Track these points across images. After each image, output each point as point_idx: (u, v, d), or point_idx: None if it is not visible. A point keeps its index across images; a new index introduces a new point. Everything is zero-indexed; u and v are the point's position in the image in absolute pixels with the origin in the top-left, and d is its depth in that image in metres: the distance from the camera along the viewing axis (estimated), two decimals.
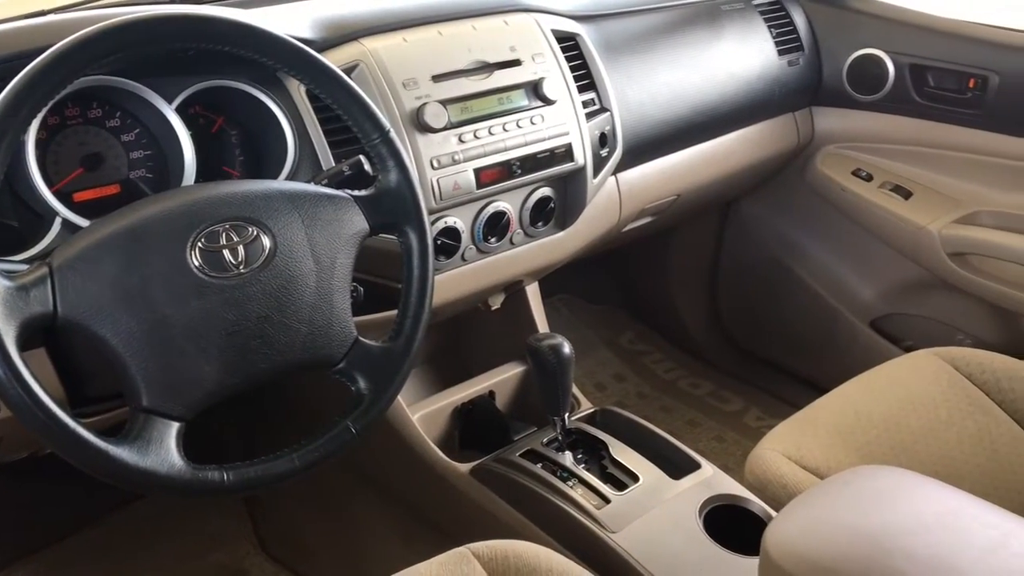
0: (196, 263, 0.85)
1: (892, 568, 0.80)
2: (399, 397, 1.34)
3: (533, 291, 1.56)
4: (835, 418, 1.33)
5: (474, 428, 1.44)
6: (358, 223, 0.94)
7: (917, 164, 1.73)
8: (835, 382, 1.40)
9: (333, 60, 1.08)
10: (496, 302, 1.48)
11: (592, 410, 1.40)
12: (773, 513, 1.18)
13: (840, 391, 1.39)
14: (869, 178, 1.77)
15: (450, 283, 1.28)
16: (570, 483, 1.22)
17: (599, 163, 1.39)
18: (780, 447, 1.28)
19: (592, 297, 2.37)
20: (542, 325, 1.55)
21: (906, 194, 1.73)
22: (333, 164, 1.09)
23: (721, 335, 2.20)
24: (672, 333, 2.23)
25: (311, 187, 0.94)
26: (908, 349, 1.59)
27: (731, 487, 1.24)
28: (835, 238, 1.88)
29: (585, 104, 1.37)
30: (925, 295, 1.78)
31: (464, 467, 1.33)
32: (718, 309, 2.19)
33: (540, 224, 1.36)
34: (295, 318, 0.88)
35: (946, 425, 1.32)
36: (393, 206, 0.97)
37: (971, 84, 1.61)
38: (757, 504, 1.21)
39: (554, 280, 1.65)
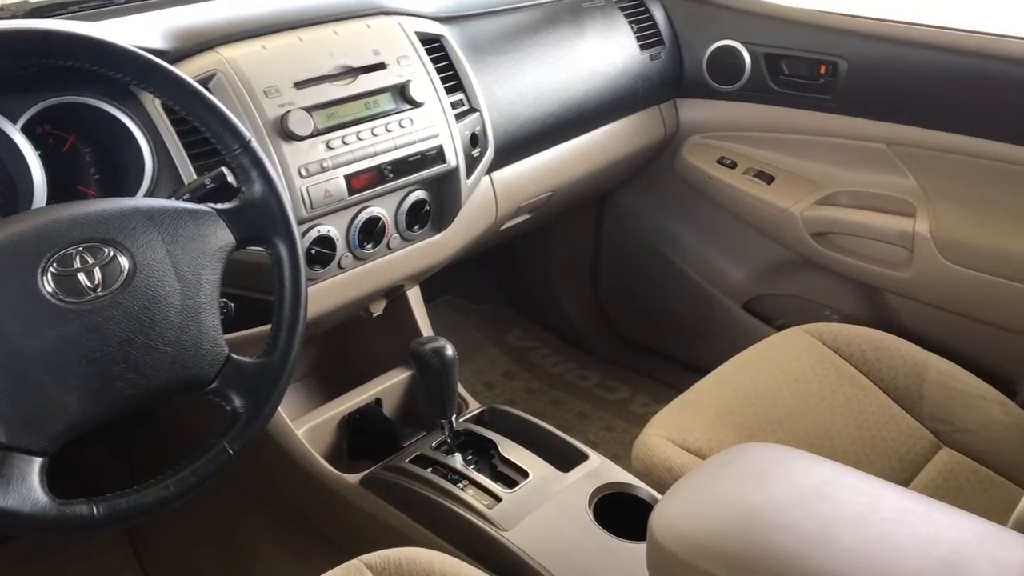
0: (49, 289, 0.81)
1: (772, 541, 0.83)
2: (282, 412, 1.32)
3: (415, 295, 1.56)
4: (715, 399, 1.37)
5: (363, 437, 1.42)
6: (223, 237, 0.91)
7: (777, 150, 1.80)
8: (714, 364, 1.45)
9: (188, 71, 1.05)
10: (378, 308, 1.47)
11: (480, 410, 1.41)
12: (659, 497, 1.20)
13: (718, 373, 1.44)
14: (733, 165, 1.83)
15: (328, 292, 1.26)
16: (461, 485, 1.22)
17: (472, 163, 1.39)
18: (664, 432, 1.31)
19: (477, 297, 2.37)
20: (426, 329, 1.54)
21: (769, 179, 1.79)
22: (195, 178, 1.06)
23: (605, 326, 2.24)
24: (558, 327, 2.26)
25: (171, 203, 0.91)
26: (780, 328, 1.65)
27: (619, 475, 1.26)
28: (706, 225, 1.94)
29: (454, 105, 1.37)
30: (793, 275, 1.86)
31: (353, 478, 1.31)
32: (600, 300, 2.23)
33: (416, 227, 1.36)
34: (160, 340, 0.85)
35: (818, 398, 1.38)
36: (259, 217, 0.95)
37: (822, 71, 1.69)
38: (644, 489, 1.23)
39: (437, 283, 1.65)
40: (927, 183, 1.62)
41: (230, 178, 0.98)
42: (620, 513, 1.22)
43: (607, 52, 1.70)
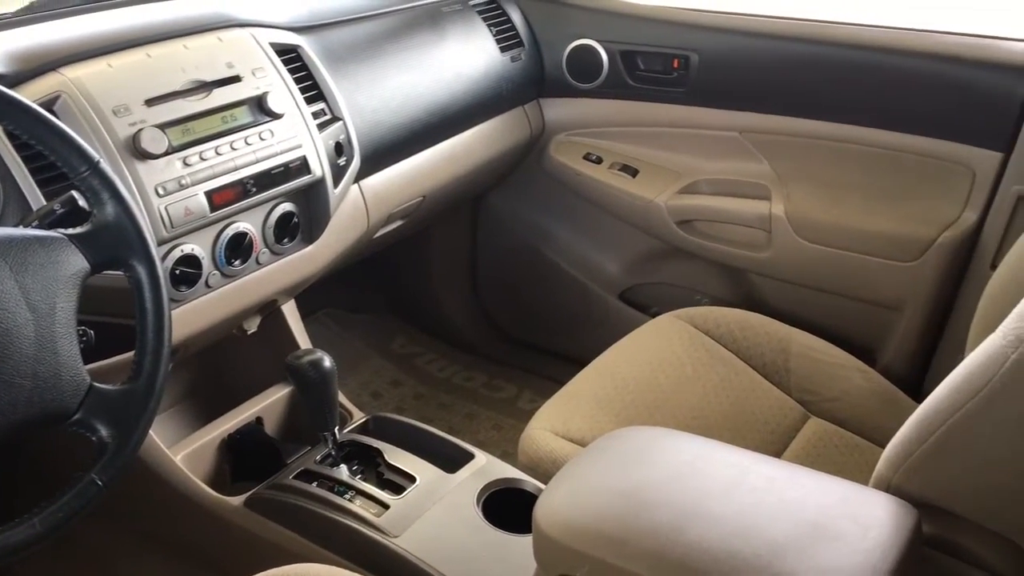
0: None
1: (650, 519, 0.86)
2: (156, 438, 1.28)
3: (290, 309, 1.54)
4: (595, 389, 1.40)
5: (245, 458, 1.39)
6: (76, 263, 0.88)
7: (640, 143, 1.86)
8: (595, 355, 1.48)
9: (29, 94, 1.01)
10: (252, 325, 1.44)
11: (364, 419, 1.40)
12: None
13: (597, 363, 1.47)
14: (599, 160, 1.87)
15: (196, 313, 1.23)
16: (347, 496, 1.22)
17: (338, 173, 1.39)
18: (547, 425, 1.34)
19: (358, 307, 2.35)
20: (303, 342, 1.53)
21: (633, 172, 1.85)
22: (44, 203, 1.02)
23: (488, 326, 2.25)
24: (442, 331, 2.27)
25: (18, 231, 0.87)
26: (655, 315, 1.71)
27: (506, 471, 1.28)
28: (578, 220, 1.98)
29: (316, 115, 1.36)
30: (663, 263, 1.91)
31: (237, 500, 1.28)
32: (482, 301, 2.25)
33: (286, 240, 1.34)
34: (15, 373, 0.82)
35: (692, 380, 1.43)
36: (114, 240, 0.92)
37: (675, 64, 1.75)
38: (531, 483, 1.25)
39: (314, 295, 1.63)
40: (780, 167, 1.71)
41: (82, 202, 0.94)
42: (510, 509, 1.23)
43: (468, 55, 1.71)
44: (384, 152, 1.52)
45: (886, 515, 0.86)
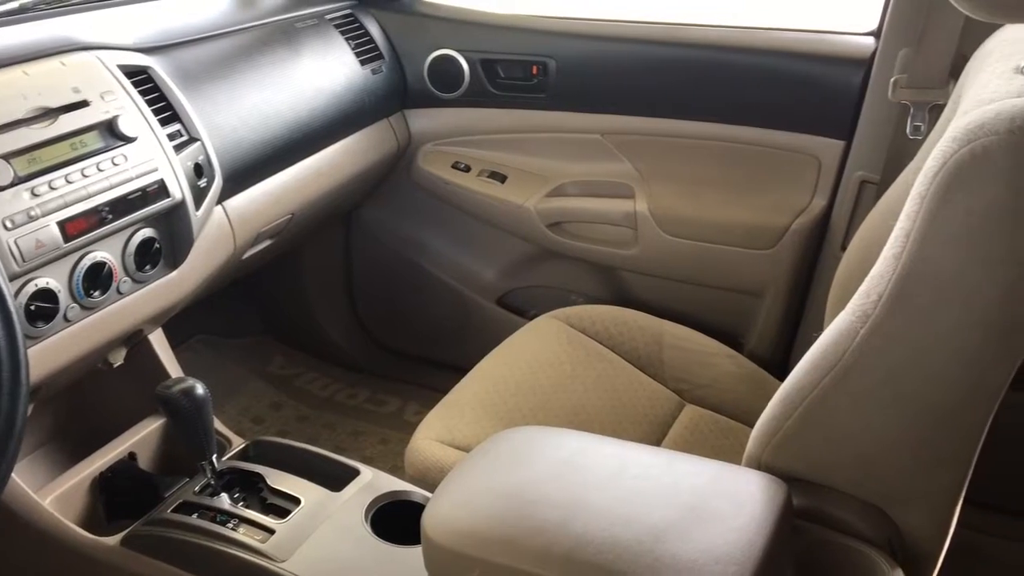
0: None
1: (535, 517, 0.88)
2: (21, 482, 1.22)
3: (158, 338, 1.48)
4: (477, 394, 1.41)
5: (119, 496, 1.34)
6: None
7: (507, 149, 1.88)
8: (476, 362, 1.49)
9: None
10: (118, 358, 1.39)
11: (243, 445, 1.37)
12: None
13: (478, 369, 1.48)
14: (468, 169, 1.89)
15: (56, 349, 1.18)
16: (231, 525, 1.18)
17: (199, 195, 1.35)
18: (432, 434, 1.34)
19: (233, 332, 2.29)
20: (175, 372, 1.48)
21: (502, 178, 1.87)
22: None
23: (368, 341, 2.24)
24: (321, 349, 2.23)
25: None
26: (533, 317, 1.73)
27: (394, 484, 1.27)
28: (451, 228, 1.99)
29: (171, 136, 1.32)
30: (537, 266, 1.94)
31: (113, 540, 1.23)
32: (360, 317, 2.23)
33: (148, 268, 1.29)
34: None
35: (571, 378, 1.46)
36: None
37: (535, 71, 1.79)
38: (419, 493, 1.25)
39: (185, 323, 1.58)
40: (641, 166, 1.76)
41: None
42: (401, 522, 1.23)
43: (328, 70, 1.70)
44: (247, 171, 1.49)
45: (758, 492, 0.90)
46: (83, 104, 1.20)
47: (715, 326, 1.68)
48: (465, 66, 1.83)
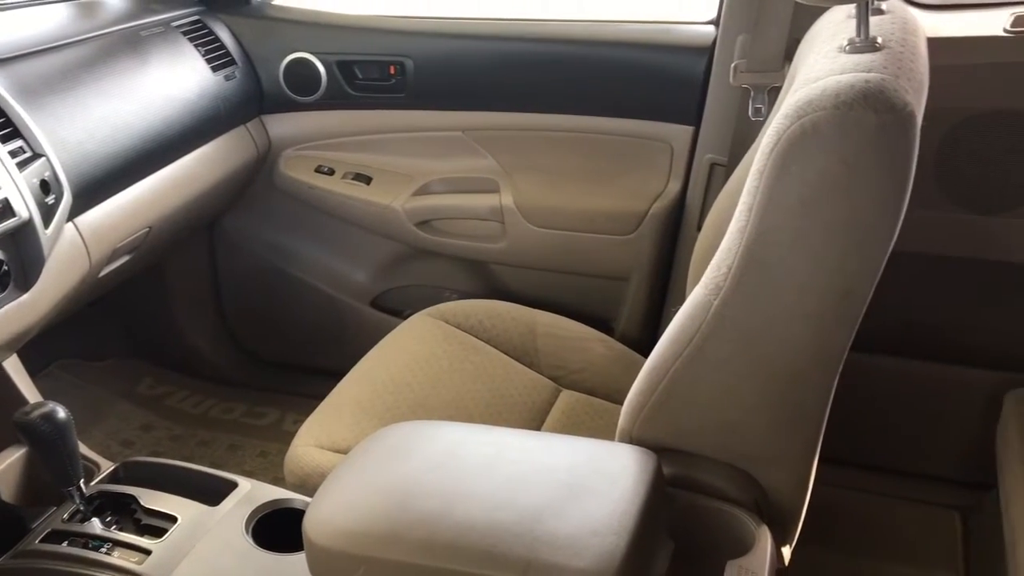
0: None
1: (416, 509, 0.89)
2: None
3: (13, 365, 1.42)
4: (355, 397, 1.41)
5: None
6: None
7: (370, 151, 1.88)
8: (354, 366, 1.49)
9: None
10: None
11: (113, 467, 1.32)
12: None
13: (354, 372, 1.48)
14: (331, 172, 1.88)
15: None
16: (104, 549, 1.14)
17: (47, 212, 1.29)
18: (312, 440, 1.32)
19: (96, 354, 2.20)
20: (33, 398, 1.41)
21: (367, 180, 1.87)
22: None
23: (241, 354, 2.19)
24: (191, 366, 2.17)
25: None
26: (408, 317, 1.73)
27: (274, 494, 1.26)
28: (319, 233, 1.97)
29: (13, 154, 1.26)
30: (409, 265, 1.95)
31: None
32: (231, 329, 2.18)
33: None
34: None
35: (449, 373, 1.47)
36: None
37: (392, 71, 1.79)
38: (301, 500, 1.24)
39: (44, 347, 1.52)
40: (504, 160, 1.79)
41: None
42: (286, 531, 1.21)
43: (178, 78, 1.65)
44: (98, 185, 1.44)
45: (630, 464, 0.94)
46: None
47: (586, 312, 1.73)
48: (321, 69, 1.81)
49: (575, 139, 1.74)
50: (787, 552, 1.06)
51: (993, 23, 1.46)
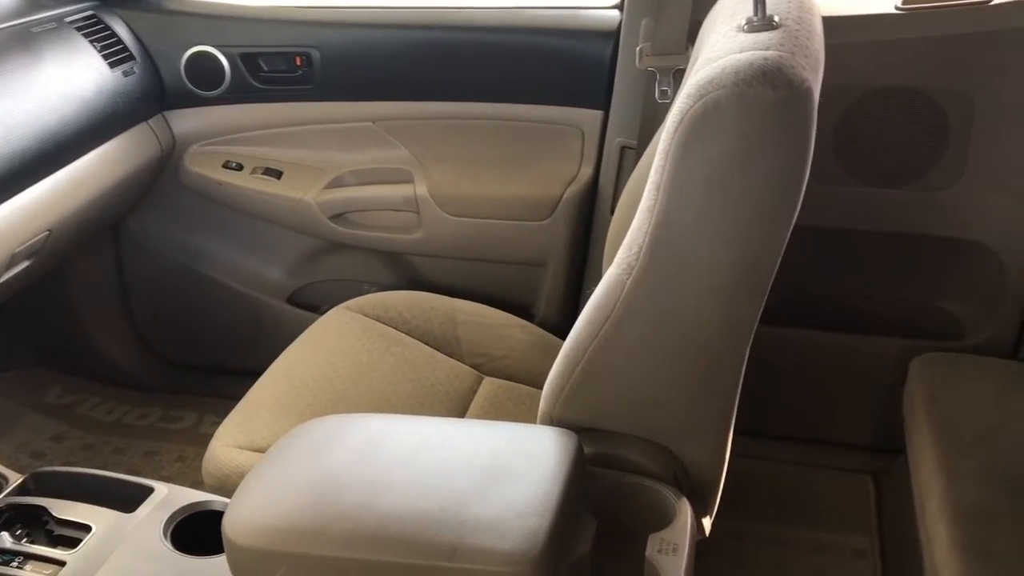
0: None
1: (339, 502, 0.88)
2: None
3: None
4: (274, 395, 1.39)
5: None
6: None
7: (280, 144, 1.84)
8: (271, 364, 1.46)
9: None
10: None
11: (21, 479, 1.27)
12: None
13: (272, 369, 1.45)
14: (240, 167, 1.84)
15: None
16: (15, 564, 1.10)
17: None
18: (230, 440, 1.30)
19: (0, 364, 2.12)
20: None
21: (278, 174, 1.83)
22: None
23: (153, 358, 2.13)
24: (101, 372, 2.10)
25: None
26: (326, 312, 1.71)
27: (192, 497, 1.23)
28: (230, 231, 1.93)
29: None
30: (325, 260, 1.92)
31: None
32: (141, 333, 2.11)
33: None
34: None
35: (370, 366, 1.46)
36: None
37: (298, 62, 1.76)
38: (220, 501, 1.21)
39: None
40: (417, 150, 1.78)
41: None
42: (207, 534, 1.19)
43: (73, 75, 1.60)
44: None
45: (551, 446, 0.95)
46: None
47: (505, 299, 1.73)
48: (225, 62, 1.77)
49: (487, 126, 1.74)
50: (708, 523, 1.08)
51: (886, 1, 1.52)
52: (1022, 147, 1.47)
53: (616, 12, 1.64)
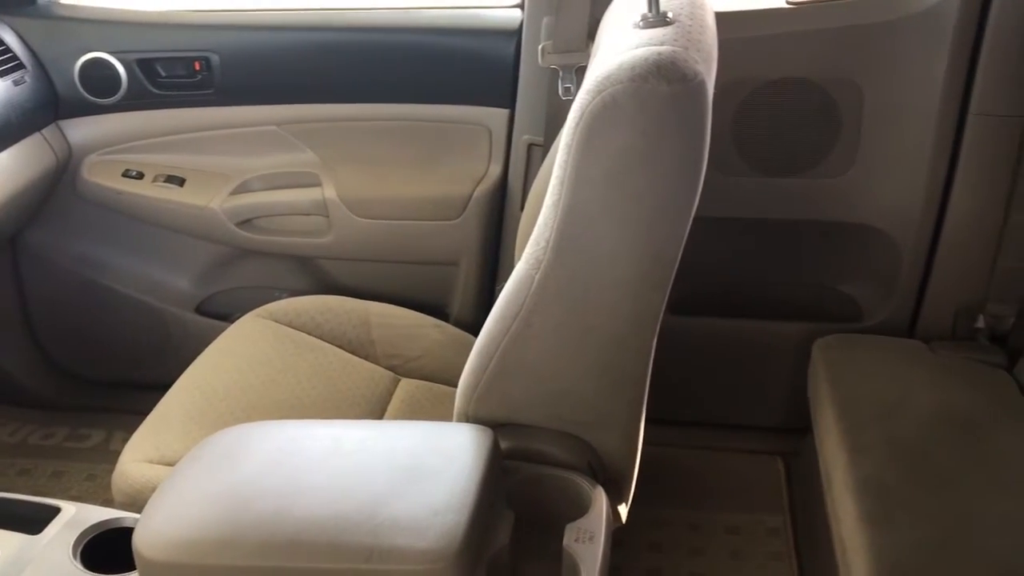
0: None
1: (252, 511, 0.87)
2: None
3: None
4: (184, 406, 1.36)
5: None
6: None
7: (181, 151, 1.80)
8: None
9: None
10: None
11: None
12: None
13: (182, 381, 1.42)
14: (141, 176, 1.79)
15: None
16: None
17: None
18: (140, 455, 1.27)
19: None
20: None
21: (180, 182, 1.79)
22: None
23: (58, 375, 2.06)
24: (4, 393, 2.03)
25: None
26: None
27: (102, 515, 1.19)
28: (133, 241, 1.88)
29: None
30: (234, 267, 1.89)
31: None
32: (44, 350, 2.04)
33: None
34: None
35: (283, 373, 1.44)
36: None
37: (197, 67, 1.72)
38: (131, 518, 1.18)
39: None
40: (324, 153, 1.76)
41: None
42: (121, 552, 1.15)
43: None
44: None
45: (467, 443, 0.95)
46: None
47: (419, 300, 1.73)
48: (120, 68, 1.72)
49: (394, 127, 1.73)
50: (624, 510, 1.10)
51: None
52: (908, 133, 1.54)
53: (518, 11, 1.66)
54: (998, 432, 1.36)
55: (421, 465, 0.92)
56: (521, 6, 1.64)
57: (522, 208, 1.64)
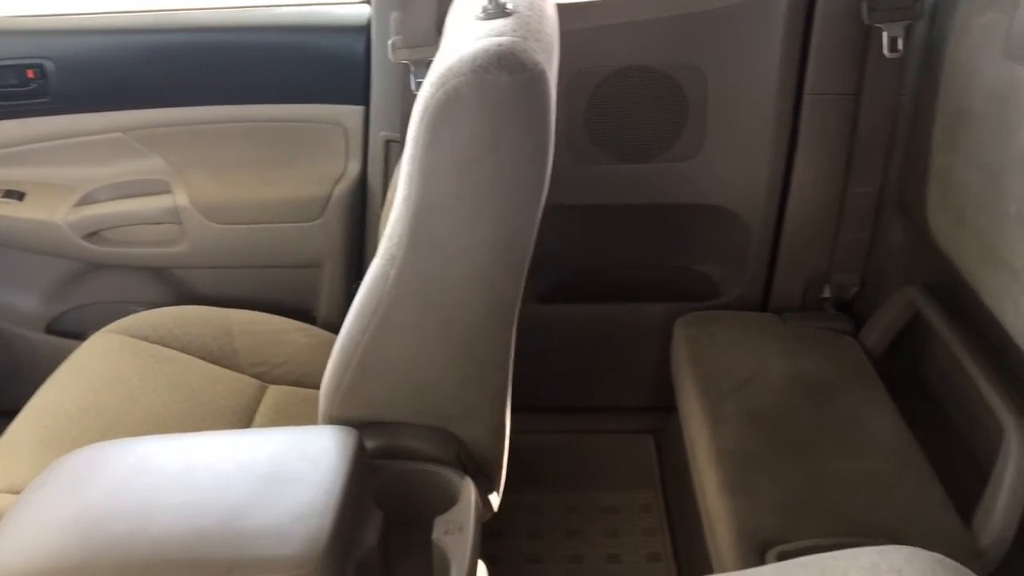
0: None
1: (107, 532, 0.84)
2: None
3: None
4: (35, 431, 1.29)
5: None
6: None
7: (18, 164, 1.71)
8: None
9: None
10: None
11: None
12: None
13: (31, 405, 1.36)
14: None
15: None
16: None
17: None
18: None
19: None
20: None
21: (19, 195, 1.70)
22: None
23: None
24: None
25: None
26: None
27: None
28: None
29: None
30: (84, 282, 1.80)
31: None
32: None
33: None
34: None
35: (142, 389, 1.39)
36: None
37: (30, 75, 1.63)
38: None
39: None
40: (173, 158, 1.70)
41: None
42: None
43: None
44: None
45: (330, 445, 0.94)
46: None
47: (285, 304, 1.70)
48: None
49: (246, 129, 1.69)
50: (495, 499, 1.11)
51: None
52: (750, 116, 1.60)
53: (366, 7, 1.64)
54: (847, 394, 1.44)
55: (283, 472, 0.90)
56: (368, 1, 1.62)
57: (383, 205, 1.62)
